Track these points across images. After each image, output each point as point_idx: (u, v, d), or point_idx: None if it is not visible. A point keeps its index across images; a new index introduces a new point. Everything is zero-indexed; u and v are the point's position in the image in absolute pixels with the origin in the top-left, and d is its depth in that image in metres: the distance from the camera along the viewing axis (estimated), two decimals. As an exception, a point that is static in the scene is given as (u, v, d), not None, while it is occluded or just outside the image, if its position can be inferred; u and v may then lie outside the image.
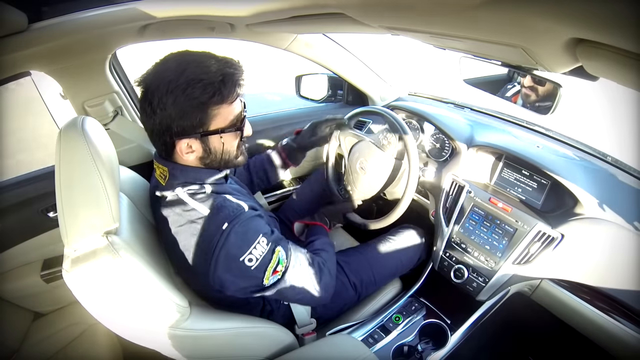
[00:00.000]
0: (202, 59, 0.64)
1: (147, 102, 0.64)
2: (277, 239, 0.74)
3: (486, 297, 0.97)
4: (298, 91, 1.49)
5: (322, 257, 0.85)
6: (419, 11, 0.46)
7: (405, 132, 1.00)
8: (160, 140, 0.68)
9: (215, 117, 0.66)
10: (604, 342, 0.83)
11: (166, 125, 0.64)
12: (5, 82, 0.88)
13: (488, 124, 1.18)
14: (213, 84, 0.62)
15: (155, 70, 0.64)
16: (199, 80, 0.61)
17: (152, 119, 0.65)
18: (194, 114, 0.64)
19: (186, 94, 0.61)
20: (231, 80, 0.64)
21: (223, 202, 0.69)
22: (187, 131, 0.65)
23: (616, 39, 0.30)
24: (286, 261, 0.73)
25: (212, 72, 0.62)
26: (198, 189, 0.71)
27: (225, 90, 0.64)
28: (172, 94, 0.61)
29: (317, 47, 1.26)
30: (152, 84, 0.63)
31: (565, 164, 0.91)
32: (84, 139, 0.58)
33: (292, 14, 0.76)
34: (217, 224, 0.66)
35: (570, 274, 0.84)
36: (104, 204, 0.59)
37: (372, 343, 0.97)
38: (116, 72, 1.11)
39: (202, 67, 0.63)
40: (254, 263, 0.68)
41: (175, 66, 0.63)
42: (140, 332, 0.63)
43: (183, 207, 0.68)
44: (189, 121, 0.64)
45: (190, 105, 0.63)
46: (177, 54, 0.66)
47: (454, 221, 1.02)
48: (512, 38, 0.45)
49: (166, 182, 0.71)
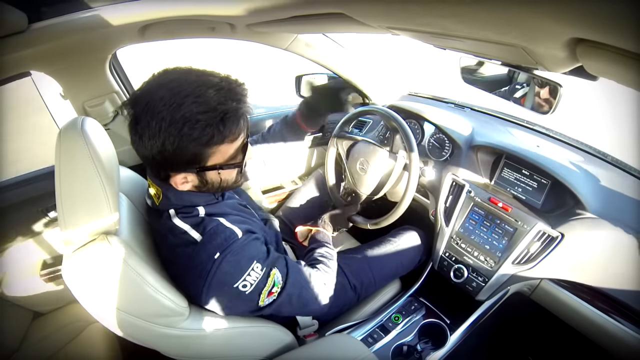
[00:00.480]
0: (200, 90, 0.56)
1: (137, 134, 0.57)
2: (272, 260, 0.71)
3: (486, 296, 0.97)
4: (298, 91, 1.49)
5: (320, 269, 0.84)
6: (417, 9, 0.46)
7: (404, 130, 1.00)
8: (152, 170, 0.65)
9: (213, 155, 0.61)
10: (604, 342, 0.83)
11: (159, 161, 0.59)
12: (5, 82, 0.88)
13: (488, 123, 1.18)
14: (212, 125, 0.56)
15: (147, 98, 0.56)
16: (196, 120, 0.55)
17: (143, 150, 0.59)
18: (191, 153, 0.58)
19: (182, 134, 0.55)
20: (233, 117, 0.58)
21: (216, 228, 0.65)
22: (183, 167, 0.61)
23: (616, 39, 0.30)
24: (282, 282, 0.71)
25: (211, 109, 0.55)
26: (191, 212, 0.68)
27: (226, 130, 0.58)
28: (165, 132, 0.55)
29: (317, 47, 1.26)
30: (143, 115, 0.56)
31: (565, 164, 0.91)
32: (83, 140, 0.58)
33: (292, 13, 0.76)
34: (208, 252, 0.63)
35: (569, 273, 0.84)
36: (104, 204, 0.59)
37: (372, 343, 0.97)
38: (116, 72, 1.10)
39: (200, 102, 0.55)
40: (248, 288, 0.66)
41: (169, 97, 0.55)
42: (139, 331, 0.63)
43: (175, 229, 0.66)
44: (184, 159, 0.59)
45: (187, 146, 0.57)
46: (172, 76, 0.58)
47: (454, 221, 1.03)
48: (512, 38, 0.45)
49: (160, 203, 0.68)
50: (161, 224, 0.69)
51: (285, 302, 0.73)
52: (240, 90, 0.60)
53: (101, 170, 0.59)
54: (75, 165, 0.58)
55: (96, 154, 0.59)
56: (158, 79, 0.59)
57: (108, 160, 0.63)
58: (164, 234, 0.68)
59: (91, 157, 0.58)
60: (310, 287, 0.78)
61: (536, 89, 0.88)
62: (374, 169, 1.10)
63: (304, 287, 0.77)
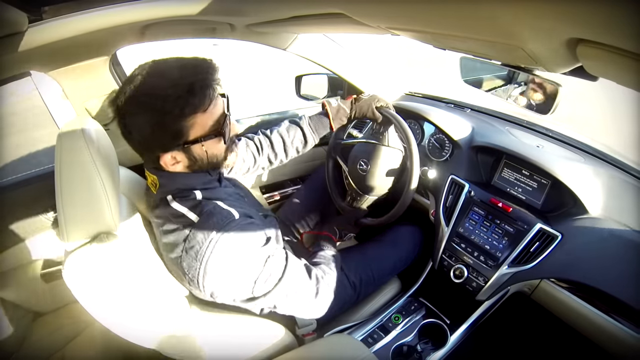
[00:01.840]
0: (169, 71, 0.62)
1: (122, 125, 0.63)
2: (270, 248, 0.72)
3: (486, 297, 0.97)
4: (298, 91, 1.49)
5: (321, 270, 0.83)
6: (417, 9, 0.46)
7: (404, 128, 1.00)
8: (143, 156, 0.68)
9: (192, 127, 0.64)
10: (604, 342, 0.83)
11: (145, 143, 0.64)
12: (5, 82, 0.88)
13: (488, 123, 1.18)
14: (181, 96, 0.60)
15: (123, 91, 0.62)
16: (166, 95, 0.59)
17: (130, 139, 0.64)
18: (170, 128, 0.62)
19: (156, 111, 0.60)
20: (200, 87, 0.62)
21: (213, 209, 0.67)
22: (167, 146, 0.64)
23: (616, 39, 0.30)
24: (279, 272, 0.71)
25: (178, 84, 0.60)
26: (188, 196, 0.69)
27: (196, 99, 0.62)
28: (142, 114, 0.60)
29: (317, 47, 1.26)
30: (122, 106, 0.62)
31: (565, 164, 0.91)
32: (83, 140, 0.58)
33: (292, 14, 0.76)
34: (205, 232, 0.64)
35: (569, 273, 0.84)
36: (104, 204, 0.59)
37: (372, 343, 0.97)
38: (116, 73, 1.11)
39: (168, 79, 0.61)
40: (243, 272, 0.66)
41: (141, 83, 0.61)
42: (139, 332, 0.64)
43: (173, 214, 0.67)
44: (166, 136, 0.63)
45: (164, 121, 0.61)
46: (143, 68, 0.64)
47: (454, 221, 1.03)
48: (511, 38, 0.45)
49: (157, 190, 0.70)
50: (160, 213, 0.69)
51: (280, 295, 0.72)
52: (206, 64, 0.64)
53: (101, 170, 0.59)
54: (75, 166, 0.58)
55: (96, 154, 0.59)
56: (131, 75, 0.64)
57: (108, 161, 0.64)
58: (163, 223, 0.69)
59: (91, 157, 0.58)
60: (308, 284, 0.77)
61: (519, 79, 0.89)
62: (373, 166, 1.08)
63: (301, 283, 0.76)
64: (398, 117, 1.00)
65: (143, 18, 0.85)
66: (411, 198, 0.98)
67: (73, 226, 0.57)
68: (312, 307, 0.79)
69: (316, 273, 0.80)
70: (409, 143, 0.98)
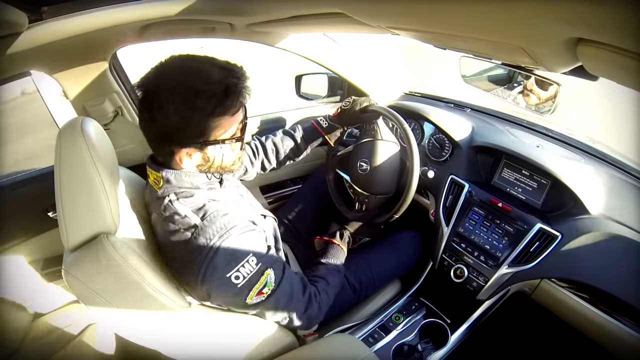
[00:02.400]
0: (205, 67, 0.62)
1: (146, 108, 0.62)
2: (270, 260, 0.71)
3: (486, 296, 0.97)
4: (298, 91, 1.49)
5: (317, 288, 0.82)
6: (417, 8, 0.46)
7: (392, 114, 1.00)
8: (159, 147, 0.67)
9: (216, 128, 0.65)
10: (604, 341, 0.83)
11: (166, 133, 0.63)
12: (5, 82, 0.89)
13: (488, 123, 1.18)
14: (216, 95, 0.61)
15: (157, 76, 0.62)
16: (202, 90, 0.60)
17: (152, 126, 0.63)
18: (196, 124, 0.62)
19: (188, 103, 0.60)
20: (234, 92, 0.63)
21: (216, 213, 0.66)
22: (187, 141, 0.64)
23: (616, 38, 0.30)
24: (274, 285, 0.71)
25: (215, 82, 0.61)
26: (191, 196, 0.69)
27: (228, 101, 0.62)
28: (173, 103, 0.60)
29: (317, 47, 1.26)
30: (153, 90, 0.61)
31: (565, 164, 0.91)
32: (83, 140, 0.58)
33: (292, 13, 0.76)
34: (207, 237, 0.64)
35: (569, 273, 0.84)
36: (103, 204, 0.59)
37: (372, 342, 0.97)
38: (116, 72, 1.11)
39: (205, 76, 0.61)
40: (240, 281, 0.66)
41: (177, 73, 0.61)
42: (139, 331, 0.64)
43: (175, 214, 0.67)
44: (189, 131, 0.63)
45: (192, 115, 0.61)
46: (179, 58, 0.64)
47: (454, 221, 1.03)
48: (512, 37, 0.45)
49: (160, 188, 0.70)
50: (162, 213, 0.69)
51: (271, 306, 0.72)
52: (240, 70, 0.65)
53: (101, 170, 0.59)
54: (75, 165, 0.58)
55: (96, 154, 0.59)
56: (165, 63, 0.64)
57: (108, 160, 0.64)
58: (164, 223, 0.68)
59: (91, 157, 0.58)
60: (299, 301, 0.76)
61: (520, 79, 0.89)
62: (373, 162, 1.07)
63: (294, 299, 0.75)
64: (383, 108, 1.02)
65: (143, 18, 0.85)
66: (417, 181, 0.97)
67: (73, 226, 0.57)
68: (298, 322, 0.78)
69: (310, 291, 0.79)
70: (400, 123, 0.98)
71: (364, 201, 1.12)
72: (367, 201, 1.10)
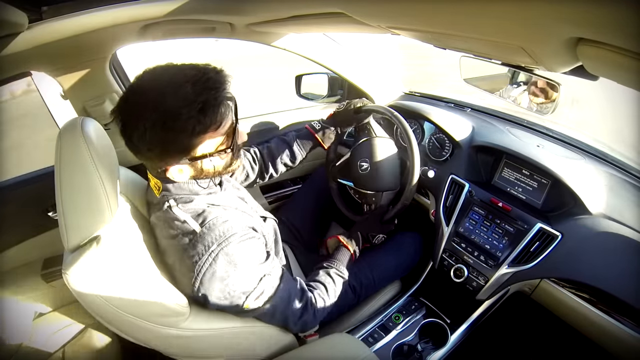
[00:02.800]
0: (178, 82, 0.58)
1: (127, 138, 0.61)
2: (267, 266, 0.72)
3: (486, 296, 0.97)
4: (298, 91, 1.49)
5: (314, 295, 0.82)
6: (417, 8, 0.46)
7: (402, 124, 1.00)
8: (150, 165, 0.67)
9: (201, 144, 0.63)
10: (604, 341, 0.83)
11: (152, 158, 0.63)
12: (5, 82, 0.89)
13: (489, 123, 1.18)
14: (192, 116, 0.58)
15: (130, 102, 0.60)
16: (177, 114, 0.57)
17: (137, 152, 0.63)
18: (179, 145, 0.61)
19: (166, 129, 0.58)
20: (212, 106, 0.59)
21: (215, 220, 0.66)
22: (175, 160, 0.63)
23: (616, 38, 0.30)
24: (272, 291, 0.71)
25: (190, 102, 0.57)
26: (190, 202, 0.69)
27: (207, 119, 0.60)
28: (151, 131, 0.58)
29: (317, 46, 1.26)
30: (129, 120, 0.60)
31: (565, 164, 0.91)
32: (83, 140, 0.58)
33: (292, 13, 0.76)
34: (205, 244, 0.64)
35: (570, 273, 0.84)
36: (104, 204, 0.59)
37: (372, 342, 0.97)
38: (116, 72, 1.11)
39: (179, 95, 0.57)
40: (237, 288, 0.66)
41: (150, 97, 0.58)
42: (139, 331, 0.64)
43: (175, 219, 0.67)
44: (173, 152, 0.62)
45: (174, 138, 0.60)
46: (151, 76, 0.61)
47: (454, 220, 1.03)
48: (512, 37, 0.45)
49: (160, 193, 0.70)
50: (161, 217, 0.69)
51: (268, 313, 0.73)
52: (218, 77, 0.61)
53: (101, 170, 0.59)
54: (75, 166, 0.58)
55: (96, 154, 0.59)
56: (137, 81, 0.61)
57: (108, 160, 0.64)
58: (163, 227, 0.69)
59: (91, 157, 0.58)
60: (295, 307, 0.76)
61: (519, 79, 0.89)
62: (373, 160, 1.07)
63: (291, 305, 0.76)
64: (383, 107, 1.04)
65: (142, 18, 0.85)
66: (417, 179, 0.99)
67: (73, 226, 0.57)
68: (293, 326, 0.79)
69: (307, 298, 0.80)
70: (400, 123, 1.00)
71: (371, 201, 1.11)
72: (374, 200, 1.10)
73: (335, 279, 0.89)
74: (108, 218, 0.60)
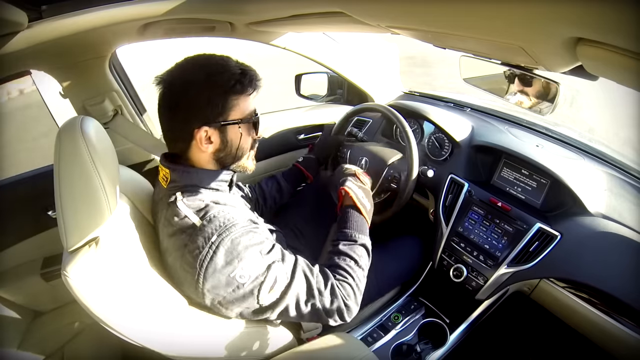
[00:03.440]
0: (222, 57, 0.69)
1: (170, 92, 0.66)
2: (275, 254, 0.68)
3: (485, 296, 0.97)
4: (298, 90, 1.49)
5: (341, 275, 0.73)
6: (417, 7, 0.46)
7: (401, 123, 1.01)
8: (179, 132, 0.69)
9: (234, 108, 0.68)
10: (603, 341, 0.83)
11: (188, 113, 0.66)
12: (5, 80, 0.89)
13: (488, 123, 1.18)
14: (234, 74, 0.66)
15: (177, 69, 0.68)
16: (221, 71, 0.66)
17: (174, 109, 0.67)
18: (216, 100, 0.66)
19: (209, 82, 0.65)
20: (249, 75, 0.68)
21: (217, 212, 0.65)
22: (208, 119, 0.67)
23: (616, 38, 0.30)
24: (287, 279, 0.66)
25: (232, 66, 0.67)
26: (196, 196, 0.68)
27: (245, 80, 0.67)
28: (195, 85, 0.65)
29: (317, 46, 1.26)
30: (175, 80, 0.66)
31: (565, 164, 0.91)
32: (82, 140, 0.58)
33: (292, 12, 0.76)
34: (205, 235, 0.62)
35: (569, 273, 0.84)
36: (103, 205, 0.59)
37: (371, 342, 0.97)
38: (116, 71, 1.10)
39: (222, 63, 0.67)
40: (246, 280, 0.63)
41: (196, 64, 0.67)
42: (139, 331, 0.63)
43: (177, 214, 0.66)
44: (210, 108, 0.66)
45: (213, 92, 0.66)
46: (196, 55, 0.70)
47: (454, 220, 1.03)
48: (511, 37, 0.45)
49: (167, 185, 0.70)
50: (164, 212, 0.68)
51: (291, 305, 0.67)
52: (253, 68, 0.71)
53: (100, 169, 0.59)
54: (74, 165, 0.58)
55: (95, 153, 0.59)
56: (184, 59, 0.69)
57: (107, 160, 0.63)
58: (164, 225, 0.68)
59: (90, 157, 0.58)
60: (324, 294, 0.70)
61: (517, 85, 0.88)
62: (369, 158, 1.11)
63: (315, 292, 0.69)
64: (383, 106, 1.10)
65: (142, 16, 0.85)
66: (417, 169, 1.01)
67: (72, 226, 0.57)
68: (330, 317, 0.72)
69: (332, 281, 0.72)
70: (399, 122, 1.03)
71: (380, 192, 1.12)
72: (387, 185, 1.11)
73: (354, 255, 0.76)
74: (107, 219, 0.59)
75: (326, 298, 0.70)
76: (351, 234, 0.79)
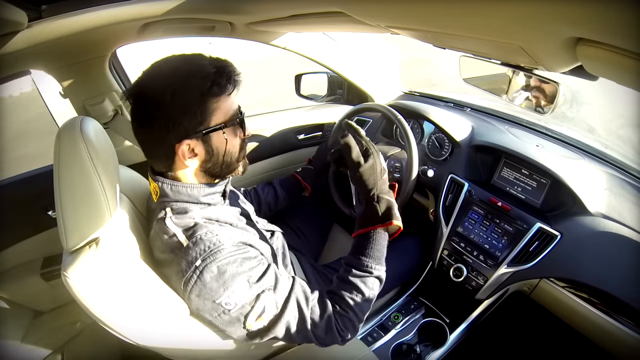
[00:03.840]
0: (193, 57, 0.63)
1: (141, 107, 0.60)
2: (267, 281, 0.63)
3: (485, 296, 0.97)
4: (298, 90, 1.49)
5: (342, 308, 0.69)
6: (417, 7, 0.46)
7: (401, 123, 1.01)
8: (158, 150, 0.63)
9: (214, 112, 0.62)
10: (603, 341, 0.83)
11: (164, 128, 0.59)
12: (5, 80, 0.88)
13: (488, 122, 1.18)
14: (208, 75, 0.60)
15: (145, 79, 0.61)
16: (194, 74, 0.59)
17: (148, 125, 0.60)
18: (193, 108, 0.60)
19: (184, 87, 0.58)
20: (225, 72, 0.62)
21: (204, 234, 0.62)
22: (188, 131, 0.60)
23: (616, 38, 0.30)
24: (277, 309, 0.63)
25: (205, 66, 0.60)
26: (186, 214, 0.66)
27: (222, 79, 0.61)
28: (169, 92, 0.58)
29: (317, 46, 1.26)
30: (147, 88, 0.60)
31: (565, 163, 0.91)
32: (82, 140, 0.58)
33: (292, 12, 0.76)
34: (189, 259, 0.60)
35: (569, 273, 0.84)
36: (103, 205, 0.59)
37: (371, 342, 0.97)
38: (116, 71, 1.10)
39: (195, 63, 0.61)
40: (232, 307, 0.60)
41: (168, 68, 0.61)
42: (138, 332, 0.63)
43: (166, 232, 0.64)
44: (188, 118, 0.60)
45: (189, 99, 0.59)
46: (166, 58, 0.63)
47: (454, 220, 1.03)
48: (511, 37, 0.45)
49: (157, 199, 0.67)
50: (155, 226, 0.67)
51: (280, 333, 0.64)
52: (229, 61, 0.65)
53: (100, 170, 0.59)
54: (73, 165, 0.58)
55: (95, 153, 0.59)
56: (153, 63, 0.63)
57: (107, 160, 0.63)
58: (155, 238, 0.67)
59: (90, 158, 0.58)
60: (318, 325, 0.66)
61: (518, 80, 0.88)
62: None
63: (308, 322, 0.66)
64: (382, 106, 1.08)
65: (142, 16, 0.85)
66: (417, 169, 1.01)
67: (72, 226, 0.57)
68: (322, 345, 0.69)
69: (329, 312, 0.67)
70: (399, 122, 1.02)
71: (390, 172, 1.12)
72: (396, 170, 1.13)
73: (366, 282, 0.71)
74: (107, 219, 0.59)
75: (320, 329, 0.67)
76: (367, 265, 0.71)
